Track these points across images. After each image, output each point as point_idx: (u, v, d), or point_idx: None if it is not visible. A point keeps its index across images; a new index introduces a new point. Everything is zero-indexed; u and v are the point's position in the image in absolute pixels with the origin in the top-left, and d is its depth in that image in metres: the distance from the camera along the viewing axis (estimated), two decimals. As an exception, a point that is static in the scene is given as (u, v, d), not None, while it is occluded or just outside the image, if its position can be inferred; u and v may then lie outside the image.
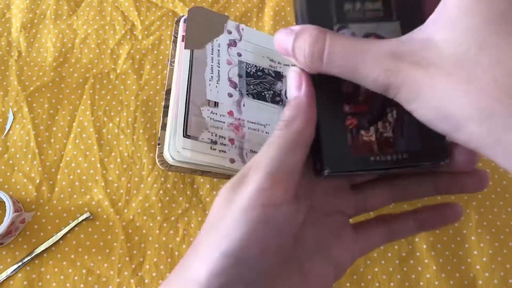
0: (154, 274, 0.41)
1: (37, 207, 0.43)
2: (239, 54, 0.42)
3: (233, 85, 0.40)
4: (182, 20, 0.41)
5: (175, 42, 0.40)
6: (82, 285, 0.40)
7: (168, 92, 0.39)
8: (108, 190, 0.43)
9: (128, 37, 0.50)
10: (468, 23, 0.22)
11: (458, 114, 0.22)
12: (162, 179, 0.44)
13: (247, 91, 0.41)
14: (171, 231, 0.42)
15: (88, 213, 0.42)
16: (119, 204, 0.43)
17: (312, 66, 0.25)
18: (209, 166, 0.37)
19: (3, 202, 0.42)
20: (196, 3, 0.52)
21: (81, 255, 0.41)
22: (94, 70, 0.48)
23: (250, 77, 0.41)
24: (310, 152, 0.26)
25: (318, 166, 0.27)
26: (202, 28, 0.41)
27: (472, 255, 0.41)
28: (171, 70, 0.40)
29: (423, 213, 0.31)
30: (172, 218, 0.43)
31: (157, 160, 0.37)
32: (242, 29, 0.43)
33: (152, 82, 0.48)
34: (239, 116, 0.39)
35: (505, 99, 0.21)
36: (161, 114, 0.38)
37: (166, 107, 0.38)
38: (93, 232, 0.42)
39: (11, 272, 0.40)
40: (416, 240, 0.41)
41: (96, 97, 0.47)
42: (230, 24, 0.42)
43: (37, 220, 0.42)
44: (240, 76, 0.41)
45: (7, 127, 0.46)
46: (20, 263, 0.41)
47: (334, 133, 0.26)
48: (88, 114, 0.46)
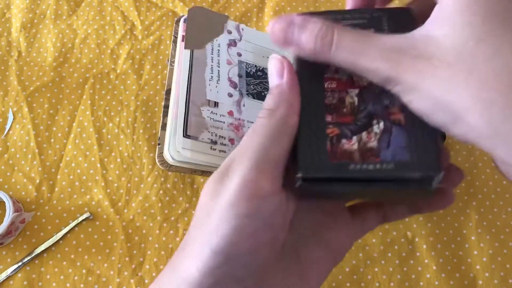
0: (154, 274, 0.41)
1: (37, 207, 0.43)
2: (239, 54, 0.42)
3: (233, 85, 0.40)
4: (182, 20, 0.41)
5: (175, 42, 0.40)
6: (82, 285, 0.40)
7: (168, 92, 0.39)
8: (108, 190, 0.43)
9: (128, 37, 0.50)
10: (466, 19, 0.23)
11: (458, 105, 0.22)
12: (162, 179, 0.44)
13: (247, 91, 0.41)
14: (171, 231, 0.42)
15: (88, 213, 0.42)
16: (119, 204, 0.43)
17: (318, 58, 0.25)
18: (209, 166, 0.37)
19: (3, 202, 0.42)
20: (196, 3, 0.52)
21: (81, 255, 0.41)
22: (94, 70, 0.48)
23: (250, 77, 0.41)
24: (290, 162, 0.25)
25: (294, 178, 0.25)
26: (202, 28, 0.41)
27: (472, 255, 0.41)
28: (171, 70, 0.40)
29: None
30: (172, 218, 0.43)
31: (157, 160, 0.37)
32: (242, 29, 0.43)
33: (152, 82, 0.48)
34: (239, 116, 0.39)
35: (505, 90, 0.21)
36: (161, 114, 0.38)
37: (166, 107, 0.38)
38: (93, 232, 0.42)
39: (11, 272, 0.40)
40: (416, 240, 0.41)
41: (96, 97, 0.47)
42: (230, 24, 0.42)
43: (37, 220, 0.42)
44: (240, 76, 0.41)
45: (7, 127, 0.46)
46: (20, 263, 0.41)
47: (312, 139, 0.25)
48: (88, 114, 0.46)
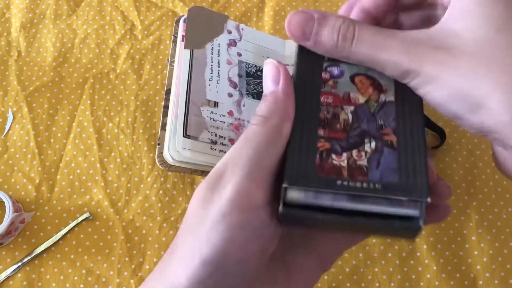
0: (154, 274, 0.41)
1: (37, 207, 0.43)
2: (239, 54, 0.42)
3: (233, 85, 0.40)
4: (182, 20, 0.41)
5: (175, 42, 0.40)
6: (82, 285, 0.40)
7: (168, 92, 0.39)
8: (108, 190, 0.43)
9: (128, 37, 0.50)
10: (484, 11, 0.24)
11: (478, 92, 0.23)
12: (162, 179, 0.44)
13: (247, 91, 0.40)
14: (171, 231, 0.42)
15: (88, 213, 0.42)
16: (119, 204, 0.43)
17: (339, 52, 0.26)
18: (209, 166, 0.37)
19: (3, 202, 0.42)
20: (196, 3, 0.52)
21: (81, 255, 0.41)
22: (94, 70, 0.48)
23: (250, 77, 0.41)
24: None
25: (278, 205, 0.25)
26: (202, 28, 0.41)
27: (473, 255, 0.41)
28: (171, 70, 0.40)
29: None
30: (172, 218, 0.42)
31: (157, 160, 0.37)
32: (242, 29, 0.43)
33: (152, 82, 0.48)
34: (239, 116, 0.39)
35: None
36: (161, 114, 0.38)
37: (166, 107, 0.38)
38: (93, 232, 0.42)
39: (11, 272, 0.40)
40: (417, 240, 0.41)
41: (96, 97, 0.47)
42: (230, 24, 0.42)
43: (37, 220, 0.42)
44: (240, 76, 0.41)
45: (7, 127, 0.46)
46: (20, 263, 0.41)
47: (302, 151, 0.25)
48: (88, 114, 0.46)
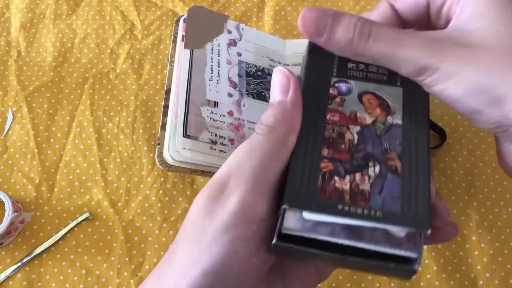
0: (154, 275, 0.41)
1: (37, 207, 0.43)
2: (239, 54, 0.42)
3: (233, 85, 0.40)
4: (182, 20, 0.41)
5: (175, 42, 0.40)
6: (82, 286, 0.40)
7: (168, 92, 0.39)
8: (108, 190, 0.43)
9: (128, 37, 0.50)
10: (500, 13, 0.24)
11: (499, 88, 0.23)
12: (162, 179, 0.44)
13: (247, 91, 0.40)
14: (171, 232, 0.42)
15: (88, 213, 0.42)
16: (119, 204, 0.43)
17: (353, 49, 0.25)
18: (209, 166, 0.37)
19: (3, 202, 0.42)
20: (196, 3, 0.51)
21: (81, 256, 0.41)
22: (94, 70, 0.48)
23: (250, 77, 0.41)
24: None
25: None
26: (202, 28, 0.41)
27: (473, 256, 0.41)
28: (171, 70, 0.40)
29: None
30: (172, 219, 0.42)
31: (157, 160, 0.37)
32: (242, 29, 0.43)
33: (152, 82, 0.48)
34: (239, 116, 0.39)
35: None
36: (161, 114, 0.38)
37: (166, 107, 0.38)
38: (93, 233, 0.42)
39: (11, 273, 0.40)
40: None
41: (96, 97, 0.47)
42: (230, 24, 0.42)
43: (37, 220, 0.42)
44: (240, 76, 0.41)
45: (7, 127, 0.46)
46: (20, 264, 0.40)
47: (305, 171, 0.25)
48: (88, 114, 0.46)
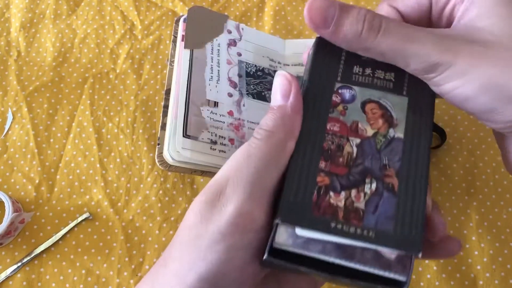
0: (154, 275, 0.41)
1: (37, 207, 0.43)
2: (239, 54, 0.42)
3: (233, 85, 0.40)
4: (182, 20, 0.41)
5: (175, 42, 0.40)
6: (82, 286, 0.40)
7: (168, 92, 0.39)
8: (108, 190, 0.43)
9: (128, 37, 0.50)
10: (508, 11, 0.24)
11: None
12: (162, 179, 0.44)
13: (247, 91, 0.40)
14: (171, 232, 0.42)
15: (88, 213, 0.42)
16: (119, 204, 0.43)
17: (361, 42, 0.25)
18: (209, 166, 0.37)
19: (2, 202, 0.41)
20: (196, 3, 0.51)
21: (81, 256, 0.41)
22: (94, 70, 0.48)
23: (250, 77, 0.41)
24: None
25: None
26: (202, 28, 0.41)
27: (473, 256, 0.41)
28: (171, 70, 0.40)
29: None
30: (172, 219, 0.42)
31: (157, 160, 0.37)
32: (242, 29, 0.43)
33: (152, 82, 0.48)
34: (239, 116, 0.39)
35: None
36: (161, 114, 0.38)
37: (166, 107, 0.38)
38: (93, 233, 0.42)
39: (11, 273, 0.40)
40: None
41: (96, 97, 0.47)
42: (230, 24, 0.42)
43: (37, 221, 0.42)
44: (240, 76, 0.41)
45: (6, 127, 0.46)
46: (20, 264, 0.40)
47: (301, 185, 0.24)
48: (88, 114, 0.46)
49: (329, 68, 0.27)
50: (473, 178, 0.43)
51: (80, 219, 0.42)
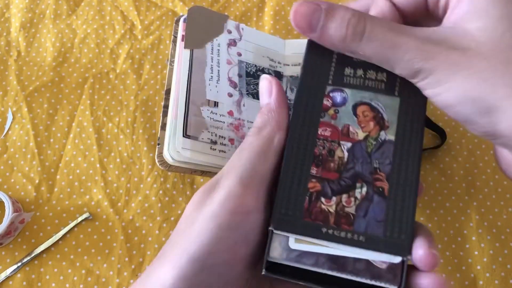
0: (154, 275, 0.41)
1: (37, 207, 0.43)
2: (239, 54, 0.42)
3: (233, 85, 0.40)
4: (182, 20, 0.41)
5: (175, 42, 0.40)
6: (82, 286, 0.40)
7: (168, 92, 0.39)
8: (108, 190, 0.43)
9: (128, 37, 0.50)
10: (498, 12, 0.23)
11: (492, 96, 0.22)
12: (162, 179, 0.43)
13: (247, 91, 0.40)
14: (171, 232, 0.42)
15: (88, 214, 0.42)
16: (119, 205, 0.43)
17: (347, 46, 0.25)
18: (209, 166, 0.37)
19: (2, 203, 0.41)
20: (196, 3, 0.51)
21: (81, 256, 0.41)
22: (94, 70, 0.48)
23: (250, 77, 0.41)
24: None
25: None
26: (202, 28, 0.41)
27: (473, 256, 0.41)
28: (171, 70, 0.40)
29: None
30: (172, 219, 0.42)
31: (157, 160, 0.37)
32: (242, 29, 0.43)
33: (152, 82, 0.48)
34: (239, 116, 0.39)
35: None
36: (161, 114, 0.38)
37: (166, 107, 0.38)
38: (93, 233, 0.42)
39: (11, 273, 0.40)
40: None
41: (96, 97, 0.47)
42: (230, 24, 0.42)
43: (37, 221, 0.42)
44: (240, 76, 0.41)
45: (6, 127, 0.46)
46: (20, 264, 0.40)
47: (292, 192, 0.25)
48: (88, 114, 0.46)
49: (321, 70, 0.27)
50: (473, 178, 0.43)
51: (80, 219, 0.42)
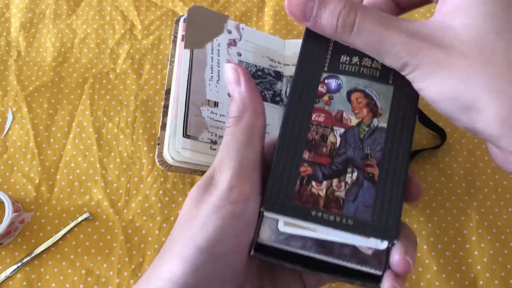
0: (154, 275, 0.41)
1: (37, 207, 0.43)
2: (239, 54, 0.42)
3: (233, 85, 0.40)
4: (182, 20, 0.41)
5: (175, 42, 0.40)
6: (82, 286, 0.40)
7: (168, 92, 0.39)
8: (108, 190, 0.43)
9: (128, 37, 0.50)
10: (486, 10, 0.23)
11: (470, 94, 0.23)
12: (162, 179, 0.43)
13: (247, 91, 0.40)
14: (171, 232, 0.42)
15: (88, 214, 0.42)
16: (119, 205, 0.43)
17: (338, 36, 0.26)
18: (209, 166, 0.37)
19: (2, 203, 0.41)
20: (196, 3, 0.51)
21: (81, 256, 0.41)
22: (94, 70, 0.48)
23: (250, 77, 0.41)
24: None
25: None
26: (202, 28, 0.41)
27: (473, 256, 0.41)
28: (171, 70, 0.40)
29: None
30: (172, 219, 0.42)
31: (157, 160, 0.37)
32: (242, 29, 0.43)
33: (152, 82, 0.48)
34: (239, 116, 0.39)
35: None
36: (161, 114, 0.38)
37: (166, 107, 0.38)
38: (93, 233, 0.42)
39: (11, 273, 0.40)
40: (417, 241, 0.41)
41: (96, 97, 0.47)
42: (230, 24, 0.42)
43: (37, 221, 0.42)
44: (240, 76, 0.41)
45: (6, 127, 0.46)
46: (20, 264, 0.40)
47: (285, 175, 0.25)
48: (88, 114, 0.46)
49: (317, 58, 0.28)
50: (473, 178, 0.43)
51: (80, 219, 0.42)
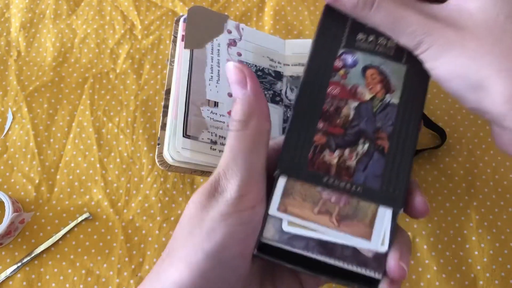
0: (154, 275, 0.41)
1: (37, 208, 0.43)
2: (239, 54, 0.42)
3: (233, 85, 0.40)
4: (182, 20, 0.41)
5: (175, 42, 0.40)
6: (82, 286, 0.40)
7: (168, 92, 0.39)
8: (108, 190, 0.43)
9: (128, 37, 0.50)
10: None
11: (480, 73, 0.24)
12: (162, 179, 0.43)
13: (247, 91, 0.40)
14: (171, 232, 0.42)
15: (88, 214, 0.42)
16: (119, 205, 0.43)
17: (358, 13, 0.27)
18: (209, 166, 0.37)
19: (2, 203, 0.41)
20: (196, 3, 0.51)
21: (81, 256, 0.41)
22: (94, 70, 0.48)
23: (250, 77, 0.41)
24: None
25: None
26: (202, 28, 0.41)
27: (473, 256, 0.41)
28: (171, 70, 0.40)
29: None
30: (172, 219, 0.42)
31: (157, 160, 0.37)
32: (242, 29, 0.43)
33: (152, 82, 0.48)
34: (239, 116, 0.39)
35: None
36: (161, 114, 0.38)
37: (166, 107, 0.38)
38: (93, 233, 0.42)
39: (11, 273, 0.40)
40: (417, 241, 0.41)
41: (96, 97, 0.47)
42: (230, 24, 0.42)
43: (37, 221, 0.42)
44: (240, 76, 0.41)
45: (6, 127, 0.46)
46: (20, 264, 0.40)
47: (299, 142, 0.26)
48: (88, 114, 0.46)
49: (335, 34, 0.29)
50: (473, 178, 0.43)
51: (80, 219, 0.42)
